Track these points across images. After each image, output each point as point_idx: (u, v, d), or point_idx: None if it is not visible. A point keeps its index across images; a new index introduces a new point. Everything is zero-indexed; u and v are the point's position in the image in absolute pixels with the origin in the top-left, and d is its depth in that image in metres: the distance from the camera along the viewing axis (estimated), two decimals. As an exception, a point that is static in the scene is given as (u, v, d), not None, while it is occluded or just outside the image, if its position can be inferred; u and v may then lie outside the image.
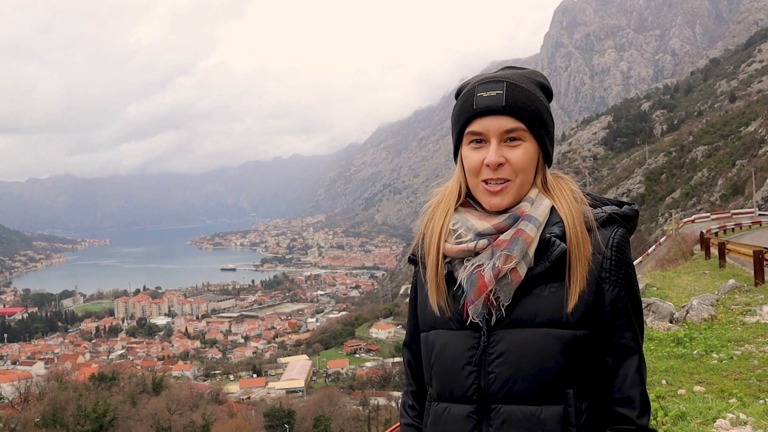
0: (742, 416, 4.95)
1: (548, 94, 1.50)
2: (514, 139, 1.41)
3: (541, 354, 1.35)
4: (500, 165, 1.40)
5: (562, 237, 1.40)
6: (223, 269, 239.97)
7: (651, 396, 5.46)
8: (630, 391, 1.39)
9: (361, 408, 52.72)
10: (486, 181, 1.42)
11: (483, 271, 1.39)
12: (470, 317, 1.40)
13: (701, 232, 24.03)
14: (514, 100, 1.40)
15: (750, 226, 35.03)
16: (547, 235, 1.40)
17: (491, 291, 1.38)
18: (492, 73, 1.47)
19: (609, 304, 1.39)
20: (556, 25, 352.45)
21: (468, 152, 1.45)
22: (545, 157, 1.48)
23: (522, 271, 1.37)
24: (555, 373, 1.35)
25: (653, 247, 37.62)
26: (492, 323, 1.40)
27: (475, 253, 1.42)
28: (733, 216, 41.08)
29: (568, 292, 1.36)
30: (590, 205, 1.47)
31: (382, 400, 56.28)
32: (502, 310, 1.38)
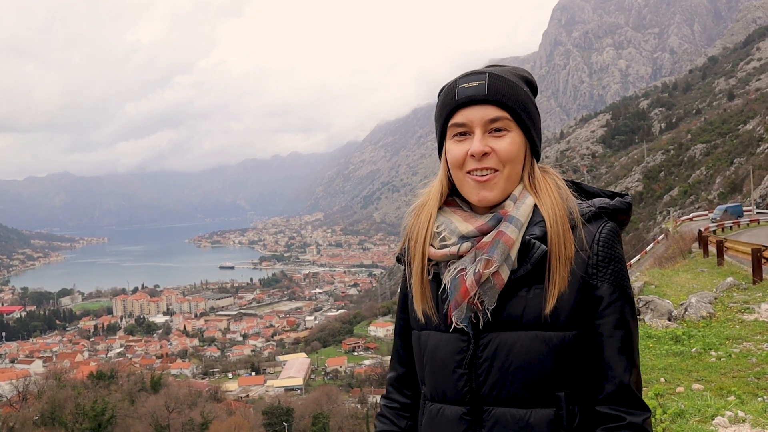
0: (741, 414, 4.95)
1: (533, 88, 1.46)
2: (499, 129, 1.38)
3: (528, 357, 1.33)
4: (485, 154, 1.36)
5: (543, 238, 1.36)
6: (221, 267, 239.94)
7: (649, 393, 5.46)
8: (619, 388, 1.35)
9: (359, 406, 52.75)
10: (471, 172, 1.39)
11: (465, 276, 1.36)
12: (454, 323, 1.39)
13: (699, 230, 24.07)
14: (496, 89, 1.38)
15: (748, 224, 35.09)
16: (527, 237, 1.36)
17: (475, 295, 1.36)
18: (474, 69, 1.45)
19: (598, 301, 1.35)
20: (554, 23, 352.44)
21: (451, 145, 1.41)
22: (532, 150, 1.44)
23: (504, 274, 1.35)
24: (543, 376, 1.33)
25: (651, 245, 37.68)
26: (480, 327, 1.38)
27: (459, 256, 1.40)
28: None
29: (546, 294, 1.34)
30: (580, 199, 1.44)
31: (380, 398, 56.24)
32: (488, 313, 1.36)
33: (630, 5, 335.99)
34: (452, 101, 1.41)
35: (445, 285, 1.41)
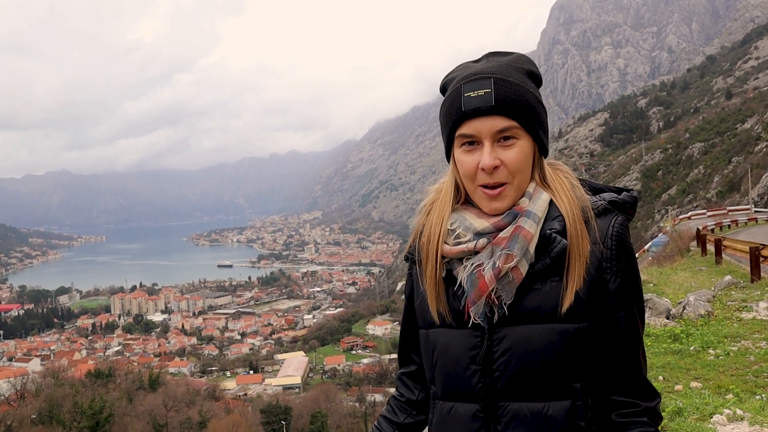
0: (739, 412, 4.95)
1: (537, 80, 1.43)
2: (508, 138, 1.35)
3: (545, 350, 1.33)
4: (495, 168, 1.34)
5: (563, 232, 1.36)
6: (219, 266, 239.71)
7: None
8: (632, 377, 1.39)
9: (357, 404, 52.85)
10: (484, 186, 1.37)
11: (483, 270, 1.36)
12: (472, 318, 1.37)
13: (697, 229, 24.12)
14: (503, 97, 1.33)
15: (746, 223, 35.14)
16: (548, 231, 1.36)
17: (492, 290, 1.35)
18: (477, 66, 1.40)
19: (611, 295, 1.36)
20: (552, 22, 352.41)
21: (461, 156, 1.39)
22: (541, 150, 1.43)
23: (523, 268, 1.34)
24: (560, 368, 1.33)
25: (649, 243, 37.68)
26: (495, 321, 1.37)
27: (475, 252, 1.39)
28: (729, 213, 41.19)
29: (564, 292, 1.34)
30: (588, 194, 1.44)
31: (378, 397, 56.41)
32: (505, 308, 1.35)
33: (628, 4, 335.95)
34: (458, 111, 1.37)
35: (460, 282, 1.40)
